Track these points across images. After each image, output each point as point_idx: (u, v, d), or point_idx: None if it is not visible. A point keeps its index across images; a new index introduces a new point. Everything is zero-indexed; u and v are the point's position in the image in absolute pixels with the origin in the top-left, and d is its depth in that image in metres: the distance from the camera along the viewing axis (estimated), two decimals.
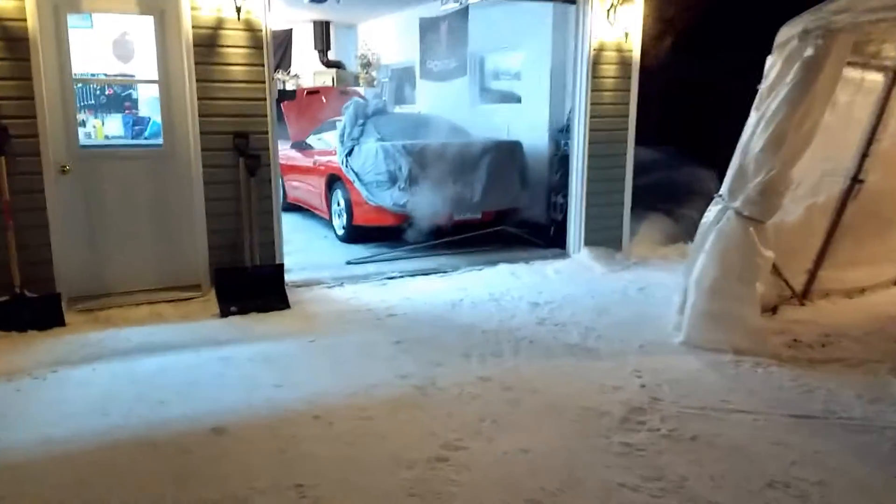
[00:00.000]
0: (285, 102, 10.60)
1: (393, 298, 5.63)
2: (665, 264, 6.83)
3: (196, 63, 5.19)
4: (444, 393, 3.77)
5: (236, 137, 5.37)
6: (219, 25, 5.21)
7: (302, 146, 9.35)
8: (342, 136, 7.67)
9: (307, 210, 9.18)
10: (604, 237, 7.15)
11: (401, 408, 3.58)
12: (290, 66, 13.06)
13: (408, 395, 3.73)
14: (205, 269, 5.44)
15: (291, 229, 8.54)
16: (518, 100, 8.68)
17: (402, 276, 6.26)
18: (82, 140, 5.26)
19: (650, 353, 4.43)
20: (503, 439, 3.26)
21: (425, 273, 6.38)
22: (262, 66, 5.39)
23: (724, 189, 4.75)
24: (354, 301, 5.57)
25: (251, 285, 5.32)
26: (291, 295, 5.53)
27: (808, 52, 4.32)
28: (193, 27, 5.14)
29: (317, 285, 5.92)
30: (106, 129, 7.67)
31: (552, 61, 7.75)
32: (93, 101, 7.78)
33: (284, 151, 10.02)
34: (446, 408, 3.58)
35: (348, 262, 6.72)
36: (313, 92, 10.76)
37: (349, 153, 7.46)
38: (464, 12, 9.49)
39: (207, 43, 5.21)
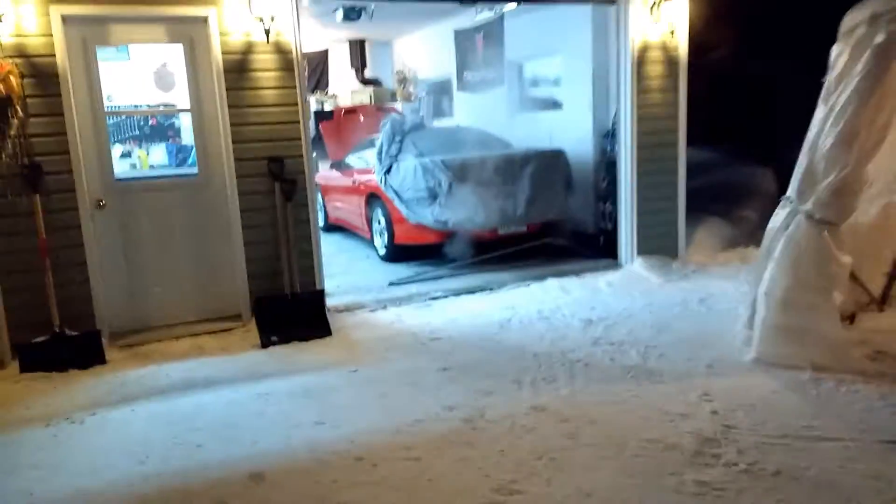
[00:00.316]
0: (323, 123, 10.55)
1: (437, 320, 5.39)
2: (726, 271, 6.42)
3: (227, 89, 5.08)
4: (495, 426, 3.50)
5: (271, 162, 5.23)
6: (248, 50, 5.10)
7: (341, 166, 9.24)
8: (380, 153, 7.50)
9: (349, 230, 9.05)
10: (658, 245, 6.78)
11: (449, 445, 3.32)
12: (327, 86, 13.06)
13: (456, 431, 3.47)
14: (245, 299, 5.31)
15: (333, 251, 8.47)
16: (559, 106, 8.38)
17: (446, 296, 6.02)
18: (127, 171, 5.22)
19: (719, 373, 4.07)
20: (562, 480, 2.97)
21: (470, 291, 6.13)
22: (295, 87, 5.25)
23: (791, 191, 4.37)
24: (398, 324, 5.35)
25: (292, 313, 5.15)
26: (333, 321, 5.35)
27: (879, 38, 3.94)
28: (223, 53, 5.04)
29: (359, 309, 5.73)
30: (151, 158, 7.72)
31: (593, 64, 7.44)
32: (137, 132, 7.85)
33: (324, 172, 10.00)
34: (498, 444, 3.31)
35: (391, 284, 6.51)
36: (351, 111, 10.69)
37: (388, 171, 7.29)
38: (499, 21, 9.28)
39: (238, 68, 5.10)
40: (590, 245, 7.25)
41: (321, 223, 10.24)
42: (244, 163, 5.19)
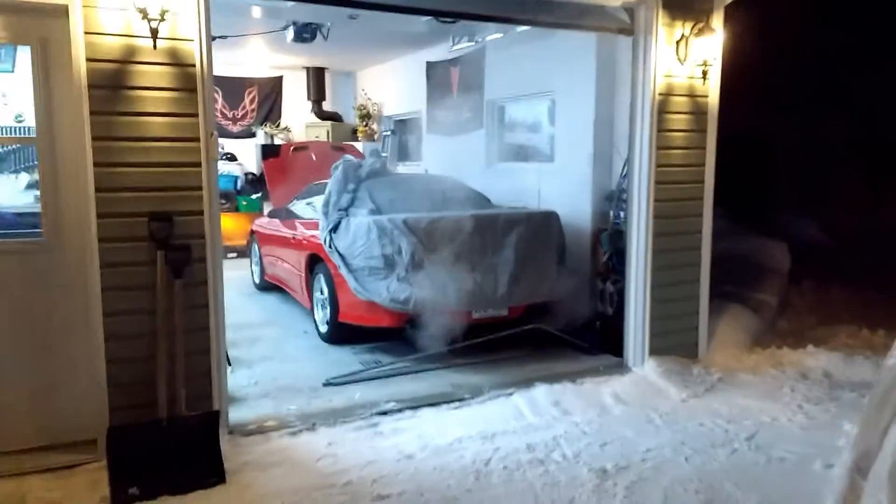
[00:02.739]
0: (268, 161, 8.94)
1: (387, 456, 3.76)
2: (762, 383, 4.97)
3: (94, 112, 3.48)
4: None
5: (154, 221, 3.61)
6: (129, 57, 3.51)
7: (284, 213, 7.61)
8: (326, 205, 5.91)
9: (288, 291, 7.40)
10: (673, 342, 5.31)
11: None
12: (279, 118, 11.52)
13: None
14: (102, 418, 3.60)
15: (262, 320, 6.82)
16: (549, 158, 6.95)
17: (400, 410, 4.39)
18: None
19: None
20: None
21: (433, 403, 4.52)
22: (196, 116, 3.67)
23: None
24: (328, 463, 3.70)
25: (168, 448, 3.47)
26: (235, 453, 3.70)
27: None
28: (90, 60, 3.45)
29: (276, 430, 4.06)
30: None
31: (596, 110, 6.04)
32: None
33: (263, 220, 8.37)
34: None
35: (327, 383, 4.87)
36: (301, 147, 9.10)
37: (334, 229, 5.69)
38: (479, 53, 7.89)
39: (111, 83, 3.51)
40: (584, 333, 5.74)
41: (256, 280, 8.73)
42: (113, 220, 3.56)
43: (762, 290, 7.13)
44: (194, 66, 3.62)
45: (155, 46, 3.47)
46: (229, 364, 5.17)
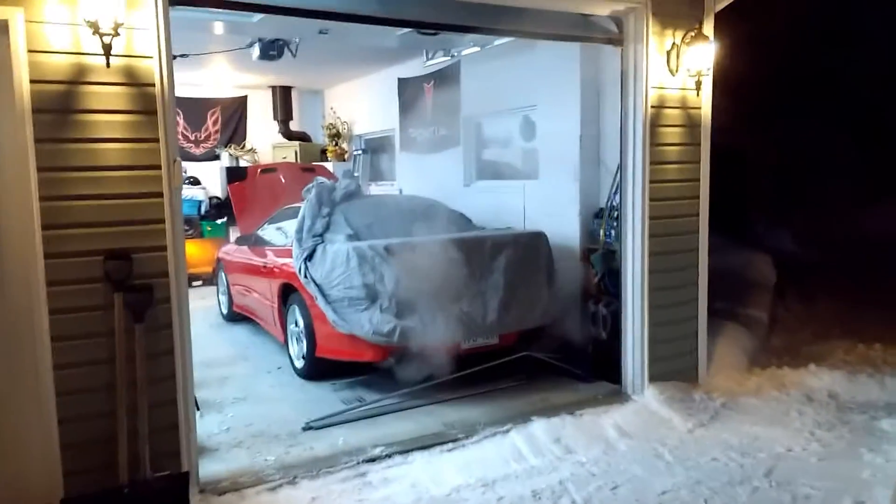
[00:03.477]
0: (233, 185, 8.53)
1: None
2: (767, 408, 4.73)
3: (39, 140, 3.08)
4: None
5: (109, 259, 3.22)
6: (78, 77, 3.13)
7: (253, 240, 7.19)
8: (300, 231, 5.53)
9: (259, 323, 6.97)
10: (673, 366, 5.05)
11: None
12: (244, 139, 11.10)
13: None
14: (55, 483, 3.18)
15: (231, 355, 6.40)
16: (532, 175, 6.68)
17: (389, 456, 4.02)
18: None
19: None
20: None
21: (425, 445, 4.15)
22: (157, 142, 3.29)
23: None
24: None
25: None
26: None
27: None
28: (34, 81, 3.05)
29: (252, 487, 3.65)
30: None
31: (581, 123, 5.79)
32: None
33: (229, 247, 7.93)
34: None
35: (307, 427, 4.48)
36: (269, 170, 8.70)
37: (309, 257, 5.32)
38: (455, 68, 7.61)
39: (60, 107, 3.12)
40: (577, 359, 5.44)
41: (224, 310, 8.26)
42: (63, 261, 3.15)
43: (752, 305, 6.95)
44: (153, 85, 3.25)
45: (108, 65, 3.09)
46: (197, 409, 4.74)
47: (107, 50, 3.04)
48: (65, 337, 3.16)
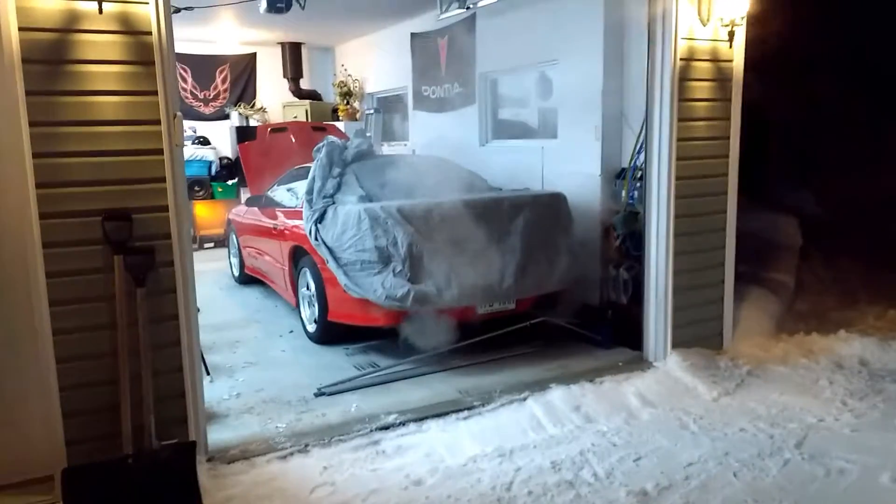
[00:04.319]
0: (244, 144, 8.32)
1: (392, 483, 3.28)
2: (796, 376, 4.55)
3: (31, 92, 2.89)
4: None
5: (108, 220, 3.05)
6: (70, 25, 2.92)
7: (263, 201, 7.01)
8: (310, 192, 5.35)
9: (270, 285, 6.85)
10: (697, 332, 4.87)
11: None
12: (254, 97, 10.86)
13: None
14: (58, 452, 3.08)
15: (244, 318, 6.29)
16: (551, 133, 6.42)
17: (403, 423, 3.89)
18: None
19: None
20: None
21: (440, 413, 4.01)
22: (156, 93, 3.09)
23: None
24: (325, 494, 3.21)
25: (135, 487, 2.95)
26: (215, 485, 3.19)
27: None
28: (23, 29, 2.85)
29: (262, 455, 3.54)
30: None
31: (604, 79, 5.51)
32: None
33: (240, 208, 7.77)
34: None
35: (318, 393, 4.36)
36: (279, 129, 8.48)
37: (320, 219, 5.14)
38: (470, 22, 7.30)
39: (51, 57, 2.92)
40: (596, 323, 5.26)
41: (236, 273, 8.15)
42: (60, 221, 2.99)
43: (777, 269, 6.72)
44: (150, 34, 3.03)
45: (101, 10, 2.88)
46: (207, 373, 4.66)
47: None
48: (63, 301, 3.02)
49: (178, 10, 6.90)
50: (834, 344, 5.05)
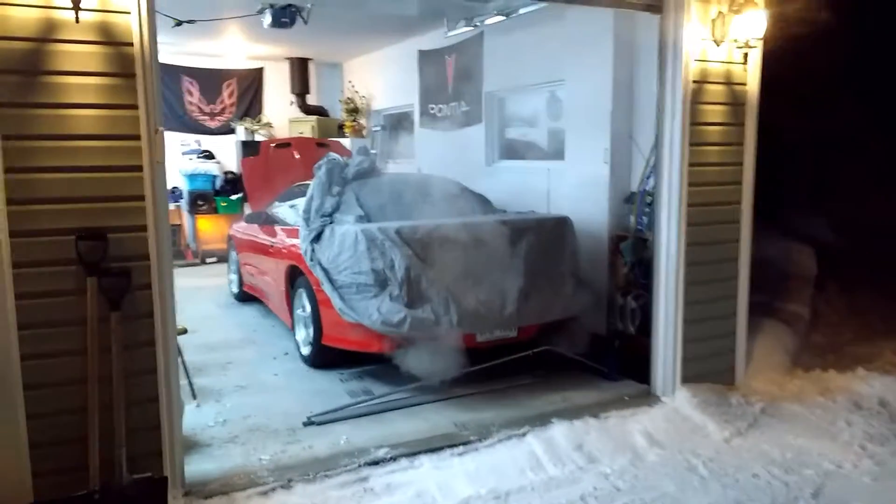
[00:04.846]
0: (246, 159, 8.20)
1: None
2: (812, 416, 4.30)
3: (2, 104, 2.74)
4: None
5: (82, 239, 2.88)
6: (45, 34, 2.77)
7: (263, 217, 6.85)
8: (308, 210, 5.19)
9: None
10: (706, 366, 4.63)
11: None
12: (260, 112, 10.77)
13: None
14: (23, 484, 2.88)
15: (239, 338, 6.12)
16: (557, 154, 6.24)
17: (394, 459, 3.68)
18: None
19: None
20: None
21: (434, 448, 3.80)
22: (136, 108, 2.93)
23: None
24: None
25: None
26: None
27: None
28: None
29: (242, 490, 3.33)
30: None
31: (613, 100, 5.33)
32: None
33: (240, 224, 7.62)
34: None
35: (307, 422, 4.15)
36: (283, 144, 8.35)
37: (316, 238, 4.97)
38: (478, 39, 7.16)
39: (26, 67, 2.77)
40: (602, 353, 5.04)
41: (234, 290, 7.96)
42: (31, 240, 2.83)
43: (791, 299, 6.47)
44: (131, 44, 2.88)
45: (77, 19, 2.73)
46: (194, 397, 4.48)
47: (75, 2, 2.68)
48: (33, 325, 2.85)
49: (179, 23, 6.87)
50: (852, 382, 4.80)
